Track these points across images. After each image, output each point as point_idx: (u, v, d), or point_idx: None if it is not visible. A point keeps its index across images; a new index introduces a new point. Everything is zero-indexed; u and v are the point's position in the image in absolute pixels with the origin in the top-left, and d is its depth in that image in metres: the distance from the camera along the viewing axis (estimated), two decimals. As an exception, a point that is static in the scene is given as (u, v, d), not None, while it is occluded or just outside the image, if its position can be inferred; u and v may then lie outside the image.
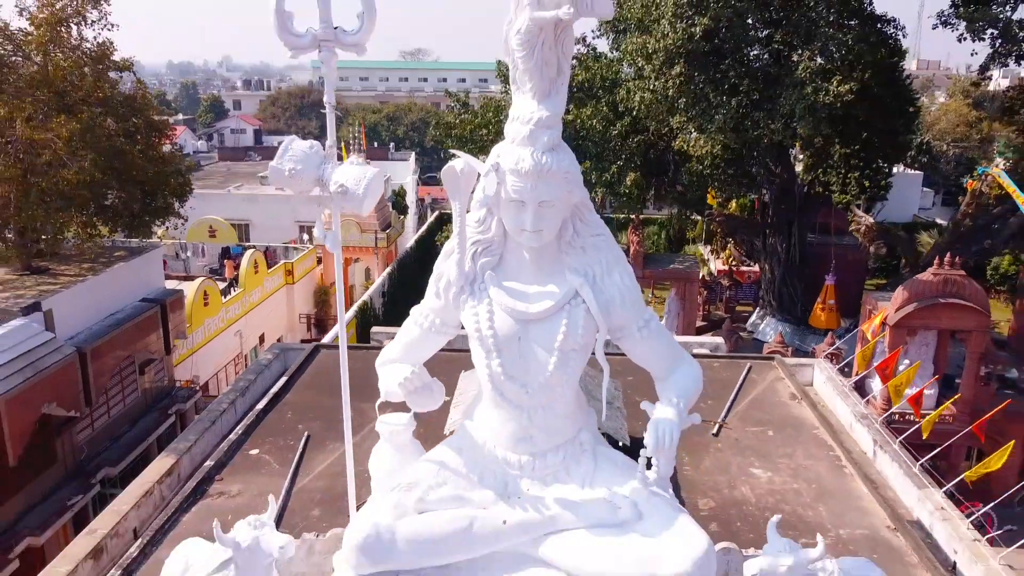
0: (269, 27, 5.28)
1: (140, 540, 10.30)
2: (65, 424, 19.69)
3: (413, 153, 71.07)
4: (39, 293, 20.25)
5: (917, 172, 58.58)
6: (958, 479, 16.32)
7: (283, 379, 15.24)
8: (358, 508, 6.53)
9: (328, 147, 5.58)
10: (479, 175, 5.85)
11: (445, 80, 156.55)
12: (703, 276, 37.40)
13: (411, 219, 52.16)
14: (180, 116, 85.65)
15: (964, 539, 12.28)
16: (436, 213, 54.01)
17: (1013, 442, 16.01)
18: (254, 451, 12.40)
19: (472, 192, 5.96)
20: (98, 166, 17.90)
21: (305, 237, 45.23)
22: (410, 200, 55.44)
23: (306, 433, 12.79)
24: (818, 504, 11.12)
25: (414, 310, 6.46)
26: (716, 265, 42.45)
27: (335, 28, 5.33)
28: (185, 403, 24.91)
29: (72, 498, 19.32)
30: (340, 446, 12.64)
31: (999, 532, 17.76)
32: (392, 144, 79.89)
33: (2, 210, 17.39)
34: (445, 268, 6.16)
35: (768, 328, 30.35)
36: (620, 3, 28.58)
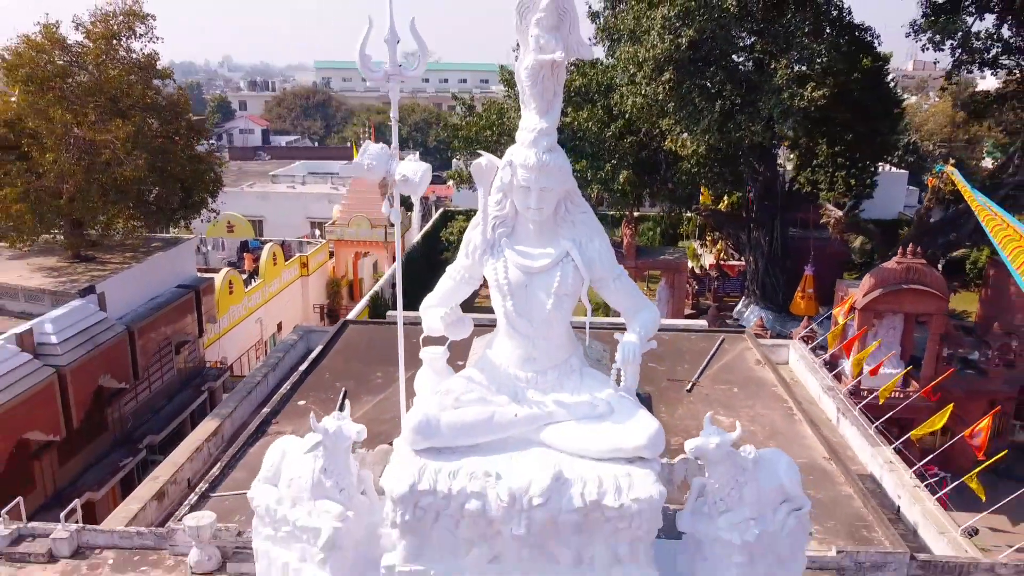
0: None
1: (219, 464, 12.63)
2: (115, 395, 22.02)
3: (417, 153, 73.43)
4: (91, 278, 22.58)
5: (903, 171, 60.85)
6: (904, 438, 18.69)
7: (319, 347, 17.59)
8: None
9: (393, 148, 7.91)
10: (498, 169, 8.20)
11: (447, 81, 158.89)
12: (692, 269, 39.70)
13: (416, 216, 54.45)
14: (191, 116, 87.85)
15: (906, 486, 14.71)
16: (441, 210, 56.25)
17: (952, 405, 18.34)
18: (301, 402, 14.76)
19: (492, 181, 8.30)
20: (148, 164, 20.20)
21: (316, 232, 47.57)
22: (415, 198, 57.75)
23: (343, 389, 15.12)
24: (769, 441, 13.46)
25: (449, 268, 8.79)
26: (708, 259, 44.74)
27: (399, 65, 7.66)
28: (215, 381, 27.21)
29: (123, 460, 21.64)
30: (372, 399, 15.02)
31: (935, 479, 20.16)
32: (375, 129, 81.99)
33: (65, 204, 19.64)
34: (472, 236, 8.49)
35: (752, 316, 32.66)
36: (614, 14, 30.89)
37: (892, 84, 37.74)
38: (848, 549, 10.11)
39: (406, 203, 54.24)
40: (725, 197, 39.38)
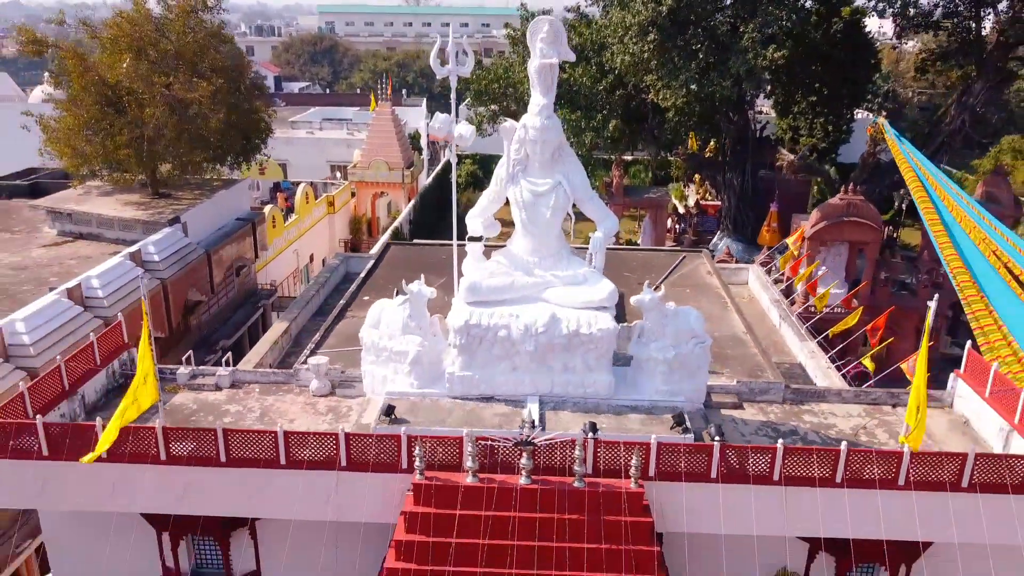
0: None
1: (312, 344, 17.75)
2: (197, 305, 27.18)
3: (424, 99, 77.51)
4: (172, 211, 27.49)
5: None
6: (823, 335, 23.83)
7: (371, 262, 22.67)
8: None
9: (452, 116, 12.86)
10: (517, 128, 13.18)
11: (447, 25, 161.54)
12: (675, 207, 44.59)
13: (425, 158, 59.05)
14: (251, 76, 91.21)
15: (821, 368, 19.78)
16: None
17: (861, 308, 23.53)
18: (366, 297, 19.88)
19: (513, 136, 13.29)
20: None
21: (337, 175, 52.27)
22: (423, 143, 62.29)
23: (396, 290, 20.21)
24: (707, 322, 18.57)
25: (485, 191, 13.83)
26: (694, 199, 49.50)
27: (456, 65, 12.58)
28: (268, 300, 32.37)
29: (205, 358, 26.89)
30: (417, 296, 20.08)
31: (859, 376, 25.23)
32: (404, 91, 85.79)
33: (162, 149, 24.46)
34: (499, 172, 13.54)
35: (723, 246, 37.61)
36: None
37: (870, 35, 41.59)
38: (744, 380, 15.32)
39: (416, 147, 58.93)
40: (712, 142, 44.00)
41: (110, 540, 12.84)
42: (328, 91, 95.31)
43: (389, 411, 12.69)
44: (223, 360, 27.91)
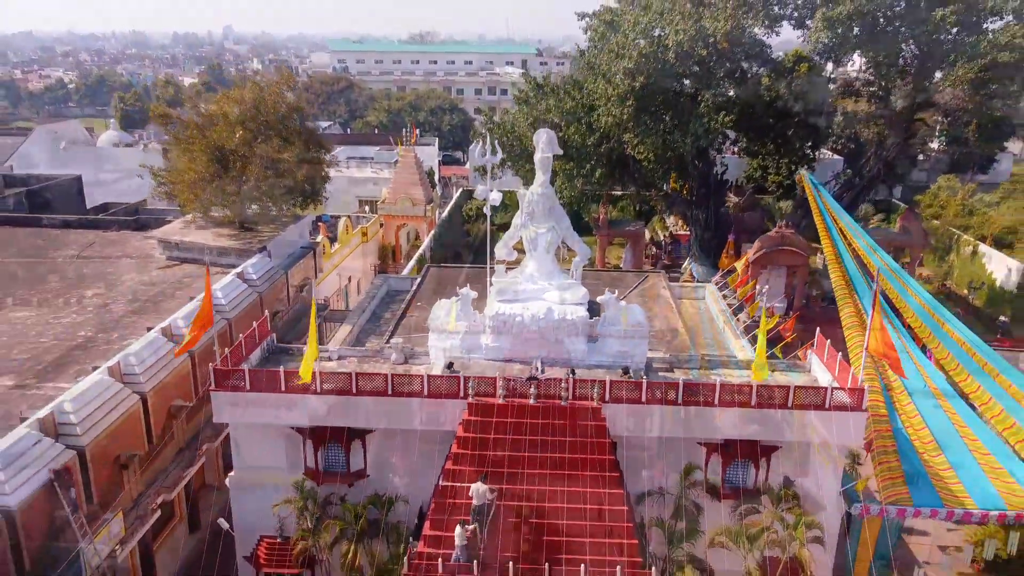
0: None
1: (387, 335, 25.93)
2: (276, 314, 35.39)
3: (436, 139, 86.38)
4: (257, 242, 35.80)
5: (839, 157, 73.57)
6: (751, 333, 31.97)
7: (418, 279, 30.94)
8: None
9: (489, 187, 21.25)
10: (527, 194, 21.59)
11: (453, 63, 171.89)
12: (653, 237, 53.01)
13: (437, 193, 67.64)
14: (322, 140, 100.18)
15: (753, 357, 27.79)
16: (460, 190, 69.26)
17: (776, 315, 31.71)
18: (419, 303, 28.12)
19: (525, 198, 21.73)
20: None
21: (367, 208, 60.73)
22: (436, 179, 70.95)
23: (439, 299, 28.39)
24: (653, 320, 26.78)
25: (507, 233, 22.21)
26: (673, 230, 57.90)
27: (493, 157, 21.02)
28: (323, 312, 40.58)
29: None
30: (454, 302, 28.31)
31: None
32: (417, 130, 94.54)
33: (259, 198, 32.85)
34: (516, 220, 22.01)
35: (690, 270, 45.92)
36: (595, 55, 43.74)
37: (829, 85, 49.50)
38: (674, 353, 23.49)
39: (431, 183, 67.55)
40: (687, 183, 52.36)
41: (273, 445, 21.02)
42: (347, 130, 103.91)
43: (450, 365, 20.93)
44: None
